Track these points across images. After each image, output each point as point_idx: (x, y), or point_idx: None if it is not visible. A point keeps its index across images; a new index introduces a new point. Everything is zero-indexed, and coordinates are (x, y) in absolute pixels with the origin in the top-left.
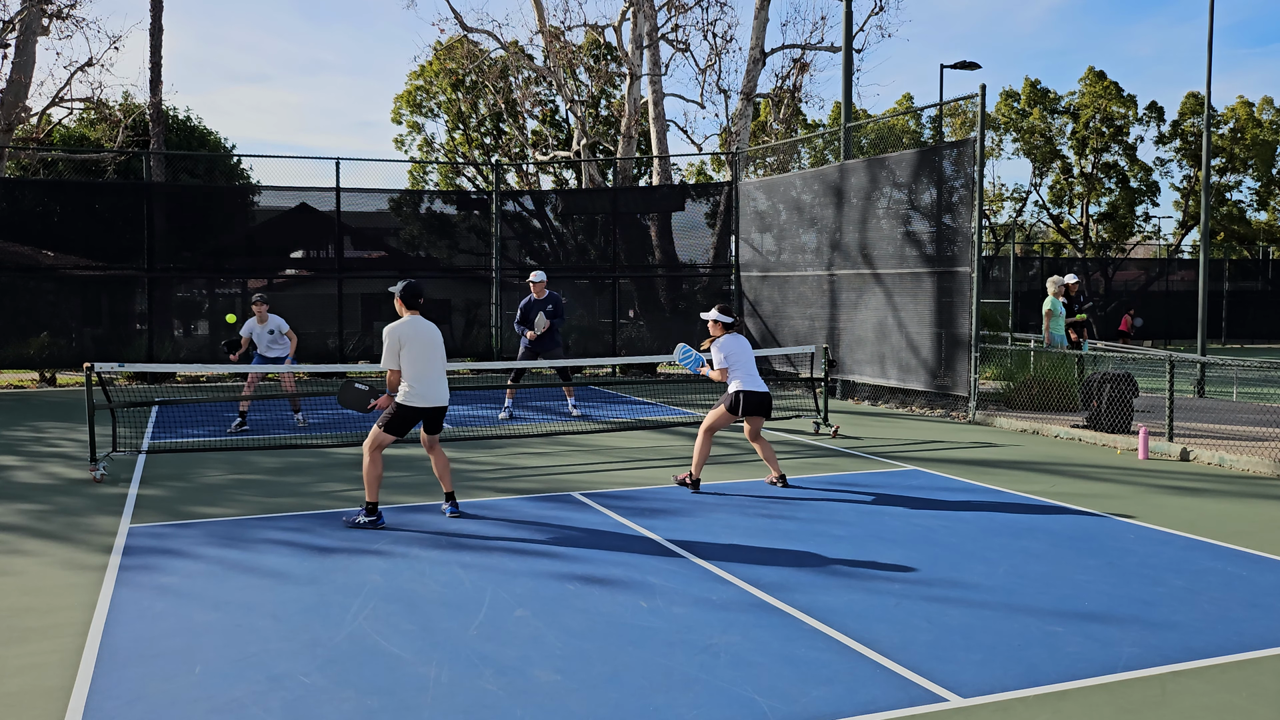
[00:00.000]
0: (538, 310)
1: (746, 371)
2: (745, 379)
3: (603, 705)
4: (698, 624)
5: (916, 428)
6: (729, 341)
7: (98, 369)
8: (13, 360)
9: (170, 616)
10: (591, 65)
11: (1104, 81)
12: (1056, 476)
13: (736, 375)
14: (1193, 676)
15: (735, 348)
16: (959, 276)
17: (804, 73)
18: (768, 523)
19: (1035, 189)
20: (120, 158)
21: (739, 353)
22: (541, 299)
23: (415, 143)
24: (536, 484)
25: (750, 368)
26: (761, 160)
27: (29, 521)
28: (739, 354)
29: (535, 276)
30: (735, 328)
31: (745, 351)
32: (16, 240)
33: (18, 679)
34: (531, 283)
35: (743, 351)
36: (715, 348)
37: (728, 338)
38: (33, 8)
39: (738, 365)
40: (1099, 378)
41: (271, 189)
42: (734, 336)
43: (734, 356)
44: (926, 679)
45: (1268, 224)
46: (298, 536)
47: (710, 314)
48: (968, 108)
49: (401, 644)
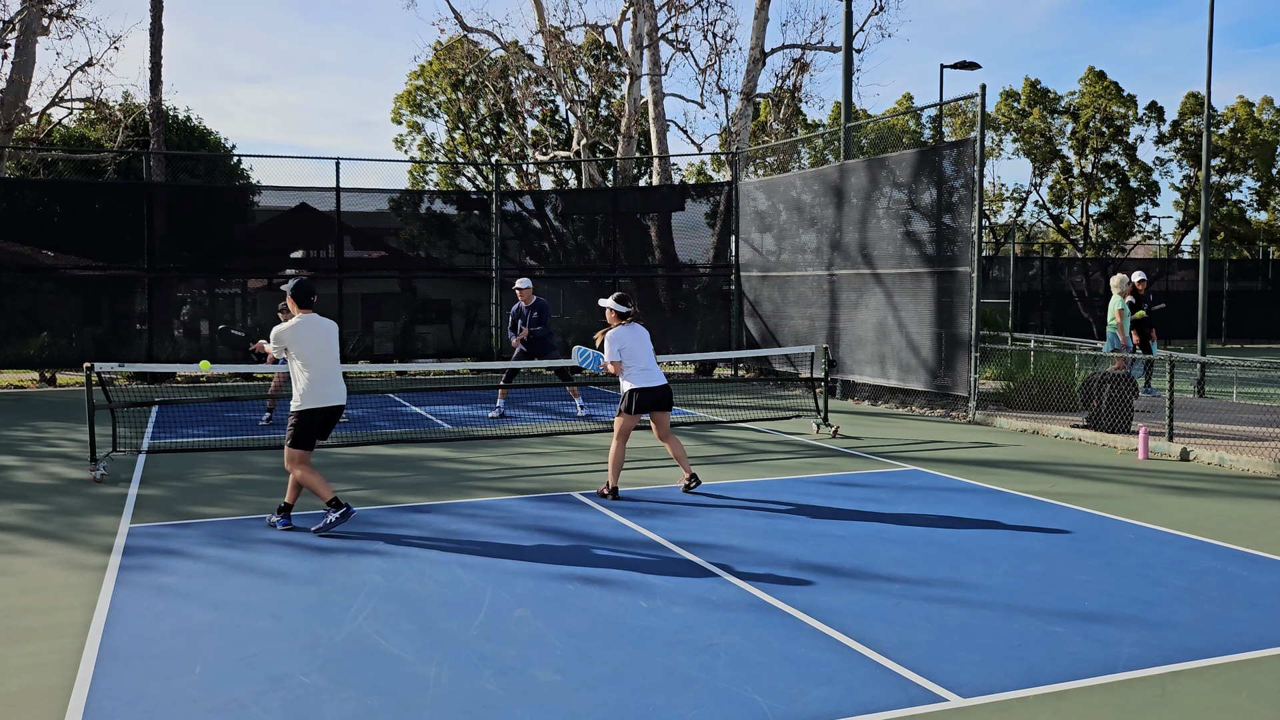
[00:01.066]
0: (524, 318)
1: (640, 366)
2: (638, 375)
3: (603, 705)
4: (698, 624)
5: (916, 428)
6: (623, 333)
7: (98, 369)
8: (13, 360)
9: (170, 616)
10: (591, 65)
11: (1104, 81)
12: (1056, 476)
13: (629, 371)
14: (1193, 676)
15: (629, 339)
16: (959, 276)
17: (804, 73)
18: (768, 523)
19: (1035, 189)
20: (120, 158)
21: (633, 344)
22: (529, 305)
23: (415, 143)
24: (536, 484)
25: (646, 361)
26: (761, 160)
27: (29, 521)
28: (633, 346)
29: (520, 284)
30: (632, 318)
31: (640, 343)
32: (16, 240)
33: (18, 679)
34: (517, 289)
35: (638, 342)
36: (607, 340)
37: (622, 329)
38: (33, 8)
39: (631, 359)
40: (1099, 378)
41: (271, 189)
42: (630, 327)
43: (628, 349)
44: (926, 679)
45: (1268, 224)
46: (298, 536)
47: (606, 301)
48: (968, 108)
49: (401, 644)
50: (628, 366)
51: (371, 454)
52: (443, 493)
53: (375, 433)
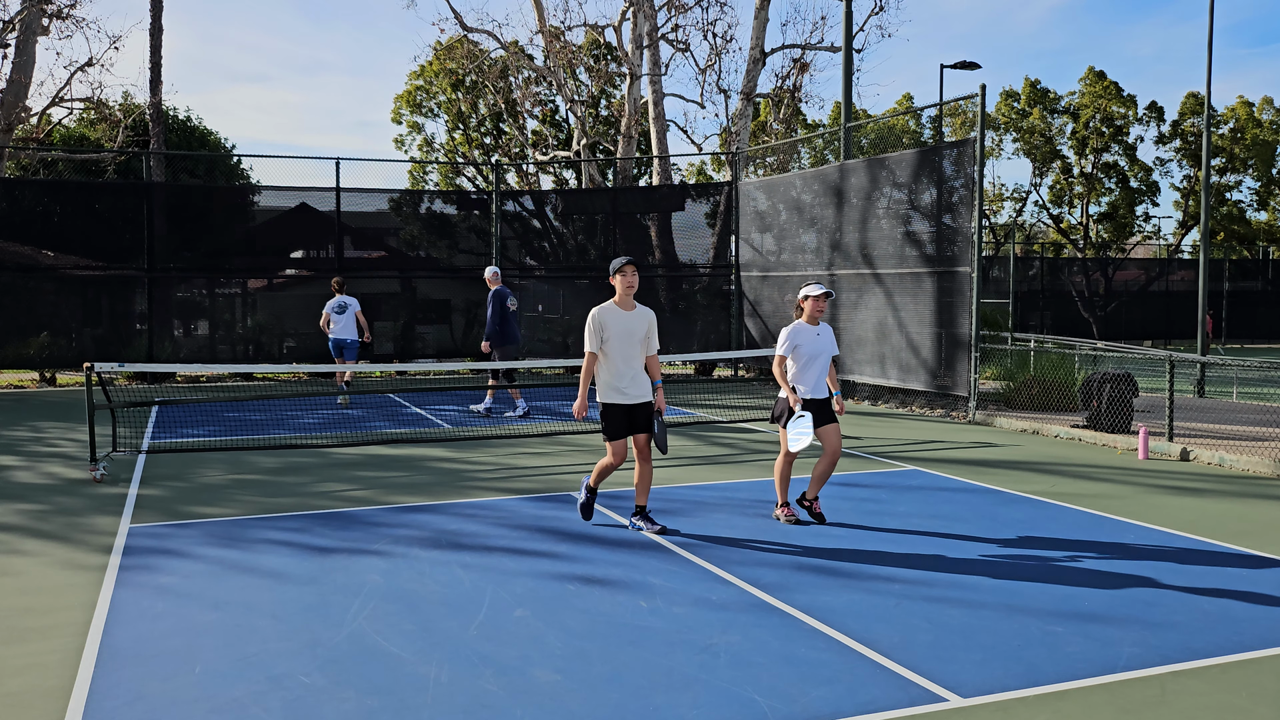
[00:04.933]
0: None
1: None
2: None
3: (603, 705)
4: (698, 624)
5: (916, 428)
6: (804, 329)
7: (98, 369)
8: (13, 360)
9: (170, 616)
10: (591, 65)
11: (1104, 81)
12: (1056, 476)
13: (797, 373)
14: (1193, 676)
15: (808, 337)
16: (959, 276)
17: (804, 73)
18: (768, 523)
19: (1035, 189)
20: (120, 158)
21: (812, 344)
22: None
23: (415, 143)
24: (536, 484)
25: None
26: (761, 160)
27: (29, 521)
28: (811, 346)
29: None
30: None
31: (822, 342)
32: (16, 240)
33: (18, 679)
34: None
35: (818, 342)
36: (782, 333)
37: (802, 324)
38: (33, 8)
39: (802, 360)
40: (1099, 378)
41: (271, 189)
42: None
43: (803, 349)
44: (926, 679)
45: (1268, 224)
46: (297, 536)
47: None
48: (968, 108)
49: (401, 644)
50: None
51: (371, 454)
52: (443, 493)
53: (375, 433)
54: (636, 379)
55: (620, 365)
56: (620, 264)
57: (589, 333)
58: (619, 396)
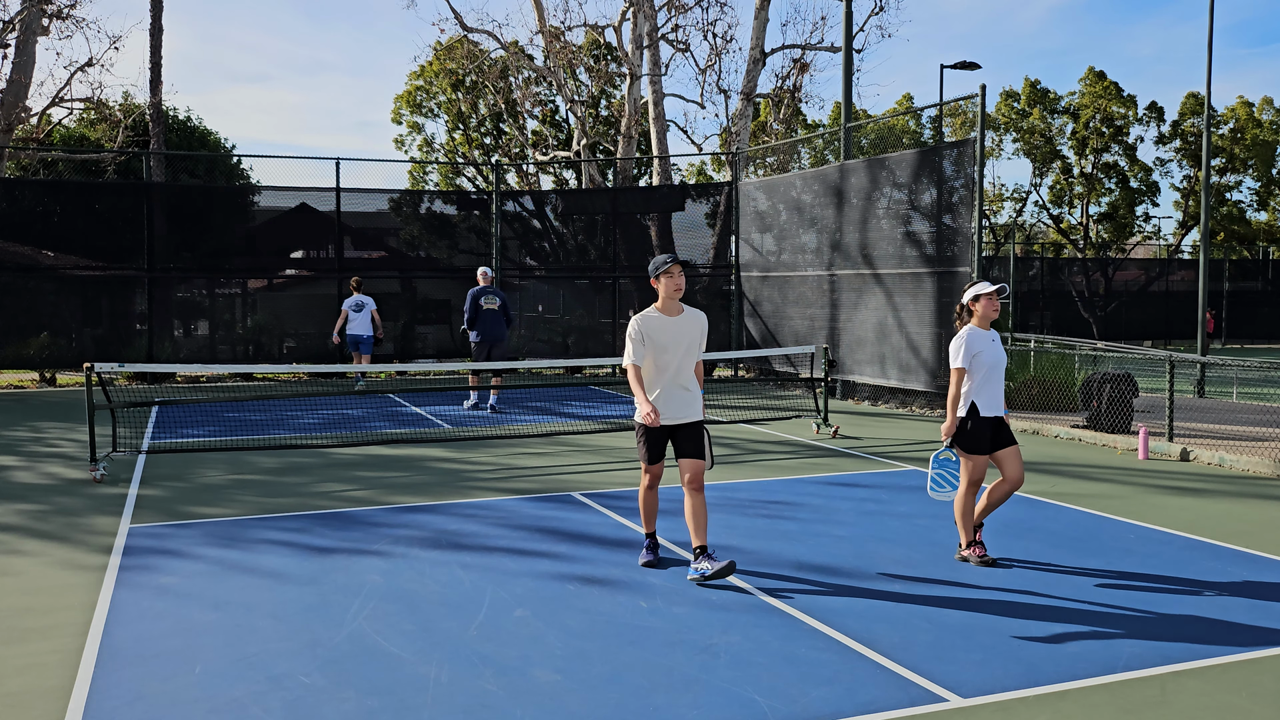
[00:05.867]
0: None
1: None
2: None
3: (603, 705)
4: (698, 624)
5: (916, 428)
6: (979, 335)
7: (98, 369)
8: (13, 360)
9: (170, 616)
10: (591, 65)
11: (1104, 81)
12: (1056, 476)
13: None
14: (1193, 676)
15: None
16: (959, 277)
17: (804, 73)
18: (768, 523)
19: (1035, 189)
20: (120, 158)
21: (992, 352)
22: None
23: (415, 143)
24: (536, 484)
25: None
26: (761, 160)
27: (28, 522)
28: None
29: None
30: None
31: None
32: (16, 240)
33: (18, 679)
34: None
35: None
36: (954, 343)
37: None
38: (33, 8)
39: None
40: (1099, 378)
41: (271, 189)
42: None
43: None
44: (926, 679)
45: (1268, 224)
46: (297, 536)
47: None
48: (968, 108)
49: (401, 644)
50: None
51: (371, 454)
52: (443, 493)
53: (375, 433)
54: (686, 396)
55: (668, 380)
56: (666, 263)
57: (631, 345)
58: (663, 417)
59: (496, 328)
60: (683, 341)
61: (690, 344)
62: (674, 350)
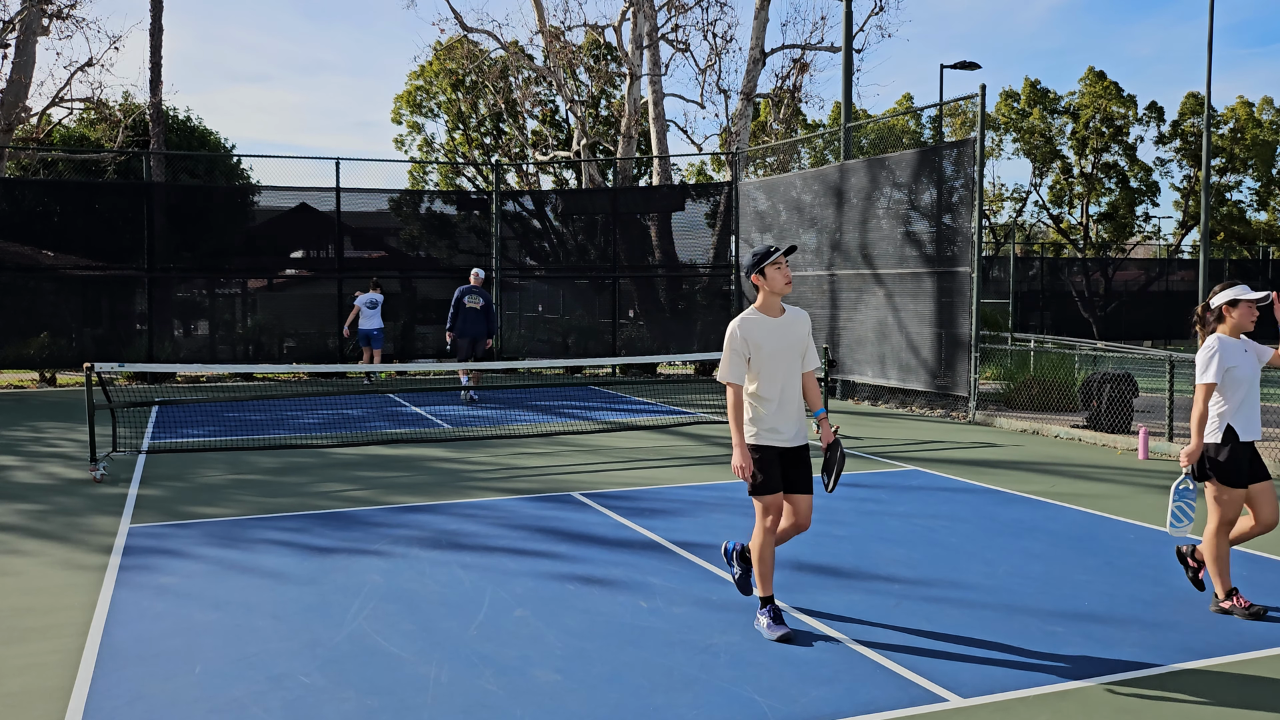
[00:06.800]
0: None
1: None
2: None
3: (603, 705)
4: (698, 624)
5: (916, 428)
6: (1233, 345)
7: (98, 369)
8: (13, 360)
9: (170, 616)
10: (591, 65)
11: (1104, 81)
12: (1056, 476)
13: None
14: (1193, 676)
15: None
16: (959, 277)
17: (804, 73)
18: None
19: (1035, 189)
20: (120, 158)
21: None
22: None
23: (415, 143)
24: (536, 484)
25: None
26: (761, 160)
27: (28, 521)
28: (1247, 365)
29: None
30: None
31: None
32: (16, 240)
33: (18, 679)
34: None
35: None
36: (1205, 352)
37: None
38: (33, 8)
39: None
40: (1099, 378)
41: (271, 189)
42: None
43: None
44: (926, 679)
45: (1268, 224)
46: (297, 536)
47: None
48: (968, 108)
49: (401, 644)
50: (1231, 399)
51: (371, 454)
52: (442, 493)
53: (375, 433)
54: (799, 413)
55: (777, 394)
56: (774, 253)
57: (730, 357)
58: (774, 438)
59: (476, 326)
60: (795, 344)
61: (800, 348)
62: (784, 356)
